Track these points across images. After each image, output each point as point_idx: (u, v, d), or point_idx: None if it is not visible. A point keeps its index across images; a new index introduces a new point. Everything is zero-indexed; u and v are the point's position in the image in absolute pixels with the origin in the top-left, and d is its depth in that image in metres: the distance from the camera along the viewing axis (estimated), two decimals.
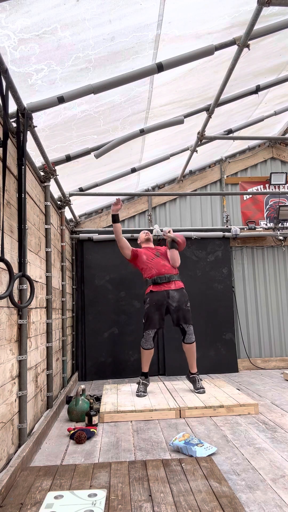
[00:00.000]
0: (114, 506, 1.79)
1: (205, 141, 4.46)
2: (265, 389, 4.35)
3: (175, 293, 4.02)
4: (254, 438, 2.79)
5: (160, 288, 4.03)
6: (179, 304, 3.99)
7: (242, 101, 4.15)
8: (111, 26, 2.33)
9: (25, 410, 2.51)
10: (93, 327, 5.45)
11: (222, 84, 3.18)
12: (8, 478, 1.99)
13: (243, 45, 2.71)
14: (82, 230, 5.72)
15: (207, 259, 5.74)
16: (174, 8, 2.39)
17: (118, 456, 2.53)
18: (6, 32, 2.07)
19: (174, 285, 4.06)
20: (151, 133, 3.91)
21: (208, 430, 2.99)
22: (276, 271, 5.98)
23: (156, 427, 3.12)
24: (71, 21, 2.17)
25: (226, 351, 5.55)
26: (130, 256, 4.21)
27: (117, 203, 4.09)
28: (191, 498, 1.83)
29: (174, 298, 4.00)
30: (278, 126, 5.72)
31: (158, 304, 3.99)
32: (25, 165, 2.57)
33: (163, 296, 4.01)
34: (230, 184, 6.17)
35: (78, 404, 3.34)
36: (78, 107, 3.03)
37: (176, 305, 3.98)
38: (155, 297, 4.02)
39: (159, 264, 4.10)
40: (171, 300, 4.00)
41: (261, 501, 1.90)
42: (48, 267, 3.54)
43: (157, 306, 3.98)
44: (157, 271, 4.08)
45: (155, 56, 2.80)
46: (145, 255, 4.21)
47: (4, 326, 2.26)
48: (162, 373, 5.44)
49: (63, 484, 2.02)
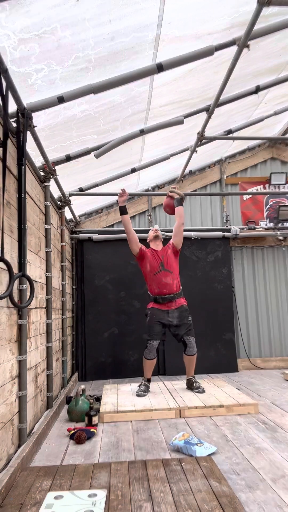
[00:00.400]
0: (114, 506, 1.79)
1: (205, 141, 4.45)
2: (265, 389, 4.35)
3: (175, 312, 4.00)
4: (254, 438, 2.79)
5: (161, 307, 4.03)
6: (179, 320, 3.98)
7: (242, 101, 4.15)
8: (111, 26, 2.33)
9: (25, 410, 2.51)
10: (93, 327, 5.45)
11: (222, 84, 3.18)
12: (8, 478, 1.99)
13: (243, 46, 2.71)
14: (82, 230, 5.72)
15: (207, 259, 5.74)
16: (174, 8, 2.39)
17: (118, 456, 2.53)
18: (6, 32, 2.07)
19: (174, 304, 4.03)
20: (151, 133, 3.91)
21: (208, 430, 2.99)
22: (276, 271, 5.98)
23: (156, 427, 3.12)
24: (71, 21, 2.18)
25: (226, 351, 5.55)
26: (137, 253, 4.14)
27: (123, 194, 4.03)
28: (191, 497, 1.83)
29: (174, 316, 3.99)
30: (278, 126, 5.72)
31: (159, 319, 3.99)
32: (25, 165, 2.58)
33: (163, 315, 4.00)
34: (230, 184, 6.17)
35: (78, 404, 3.34)
36: (78, 107, 3.03)
37: (177, 322, 3.97)
38: (156, 313, 4.02)
39: (161, 283, 4.01)
40: (172, 319, 3.99)
41: (261, 500, 1.90)
42: (48, 267, 3.54)
43: (159, 318, 3.99)
44: (158, 291, 4.02)
45: (155, 56, 2.80)
46: (149, 264, 4.09)
47: (4, 326, 2.27)
48: (162, 373, 5.44)
49: (63, 484, 2.01)
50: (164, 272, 4.05)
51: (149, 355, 3.95)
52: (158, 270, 4.06)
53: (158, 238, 4.27)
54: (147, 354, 3.96)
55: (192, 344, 3.96)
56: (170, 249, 4.17)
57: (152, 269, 4.07)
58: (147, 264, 4.11)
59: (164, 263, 4.08)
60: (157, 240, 4.27)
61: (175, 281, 4.07)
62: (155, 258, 4.11)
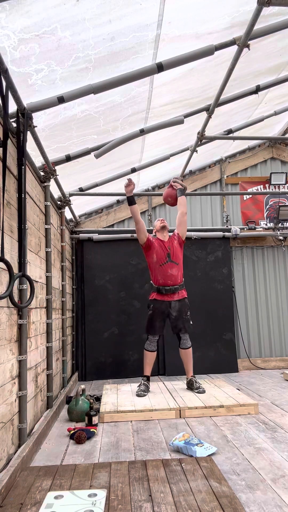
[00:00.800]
0: (114, 506, 1.79)
1: (205, 141, 4.45)
2: (265, 389, 4.35)
3: (176, 304, 4.06)
4: (254, 438, 2.79)
5: (163, 298, 4.07)
6: (179, 314, 4.03)
7: (242, 101, 4.14)
8: (111, 26, 2.33)
9: (25, 410, 2.51)
10: (93, 327, 5.45)
11: (222, 84, 3.18)
12: (8, 478, 1.99)
13: (243, 45, 2.71)
14: (82, 230, 5.72)
15: (207, 259, 5.74)
16: (174, 8, 2.39)
17: (118, 456, 2.53)
18: (6, 32, 2.07)
19: (177, 295, 4.08)
20: (151, 133, 3.91)
21: (208, 430, 2.99)
22: (276, 271, 5.98)
23: (156, 427, 3.12)
24: (71, 21, 2.17)
25: (226, 351, 5.55)
26: (144, 243, 4.14)
27: (129, 184, 4.04)
28: (191, 498, 1.83)
29: (175, 308, 4.04)
30: (278, 126, 5.72)
31: (161, 312, 4.05)
32: (25, 165, 2.57)
33: (165, 306, 4.05)
34: (230, 184, 6.17)
35: (78, 404, 3.34)
36: (78, 107, 3.03)
37: (176, 315, 4.03)
38: (158, 306, 4.06)
39: (167, 274, 4.05)
40: (172, 310, 4.04)
41: (261, 501, 1.90)
42: (48, 267, 3.54)
43: (160, 314, 4.05)
44: (163, 281, 4.06)
45: (155, 56, 2.80)
46: (156, 254, 4.10)
47: (4, 326, 2.26)
48: (162, 373, 5.44)
49: (63, 484, 2.01)
50: (170, 264, 4.09)
51: (149, 347, 4.05)
52: (164, 261, 4.08)
53: (165, 228, 4.26)
54: (147, 346, 4.06)
55: (186, 337, 4.05)
56: (176, 240, 4.18)
57: (159, 260, 4.10)
58: (153, 254, 4.12)
59: (171, 254, 4.11)
60: (164, 231, 4.25)
61: (179, 272, 4.12)
62: (162, 249, 4.12)
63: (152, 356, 4.07)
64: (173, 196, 4.28)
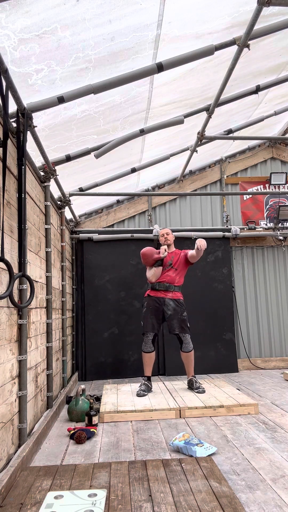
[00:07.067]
0: (114, 506, 1.79)
1: (205, 141, 4.45)
2: (265, 389, 4.35)
3: (170, 302, 4.06)
4: (254, 438, 2.79)
5: (157, 294, 4.10)
6: (174, 313, 4.02)
7: (242, 101, 4.15)
8: (111, 26, 2.33)
9: (25, 410, 2.51)
10: (93, 327, 5.45)
11: (222, 84, 3.18)
12: (8, 478, 1.99)
13: (243, 45, 2.71)
14: (82, 230, 5.71)
15: (207, 259, 5.74)
16: (174, 8, 2.39)
17: (118, 456, 2.53)
18: (6, 32, 2.07)
19: (171, 294, 4.09)
20: (151, 133, 3.91)
21: (208, 430, 2.99)
22: (276, 271, 5.98)
23: (156, 427, 3.12)
24: (71, 21, 2.17)
25: (226, 351, 5.55)
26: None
27: (164, 252, 4.02)
28: (191, 498, 1.83)
29: (169, 306, 4.05)
30: (278, 126, 5.72)
31: (155, 309, 4.06)
32: (25, 165, 2.57)
33: (159, 302, 4.07)
34: (230, 184, 6.17)
35: (78, 404, 3.34)
36: (78, 107, 3.03)
37: (171, 313, 4.03)
38: (151, 302, 4.09)
39: (164, 274, 4.10)
40: (166, 307, 4.05)
41: (261, 501, 1.90)
42: (48, 267, 3.54)
43: (154, 311, 4.06)
44: (159, 279, 4.11)
45: (155, 56, 2.80)
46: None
47: (4, 326, 2.26)
48: (162, 373, 5.44)
49: (63, 484, 2.02)
50: (171, 269, 4.14)
51: (145, 348, 4.04)
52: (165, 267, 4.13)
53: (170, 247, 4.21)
54: (144, 347, 4.06)
55: (187, 340, 4.02)
56: (183, 254, 4.16)
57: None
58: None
59: (173, 262, 4.15)
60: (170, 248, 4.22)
61: (177, 276, 4.13)
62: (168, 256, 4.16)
63: (150, 357, 4.05)
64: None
